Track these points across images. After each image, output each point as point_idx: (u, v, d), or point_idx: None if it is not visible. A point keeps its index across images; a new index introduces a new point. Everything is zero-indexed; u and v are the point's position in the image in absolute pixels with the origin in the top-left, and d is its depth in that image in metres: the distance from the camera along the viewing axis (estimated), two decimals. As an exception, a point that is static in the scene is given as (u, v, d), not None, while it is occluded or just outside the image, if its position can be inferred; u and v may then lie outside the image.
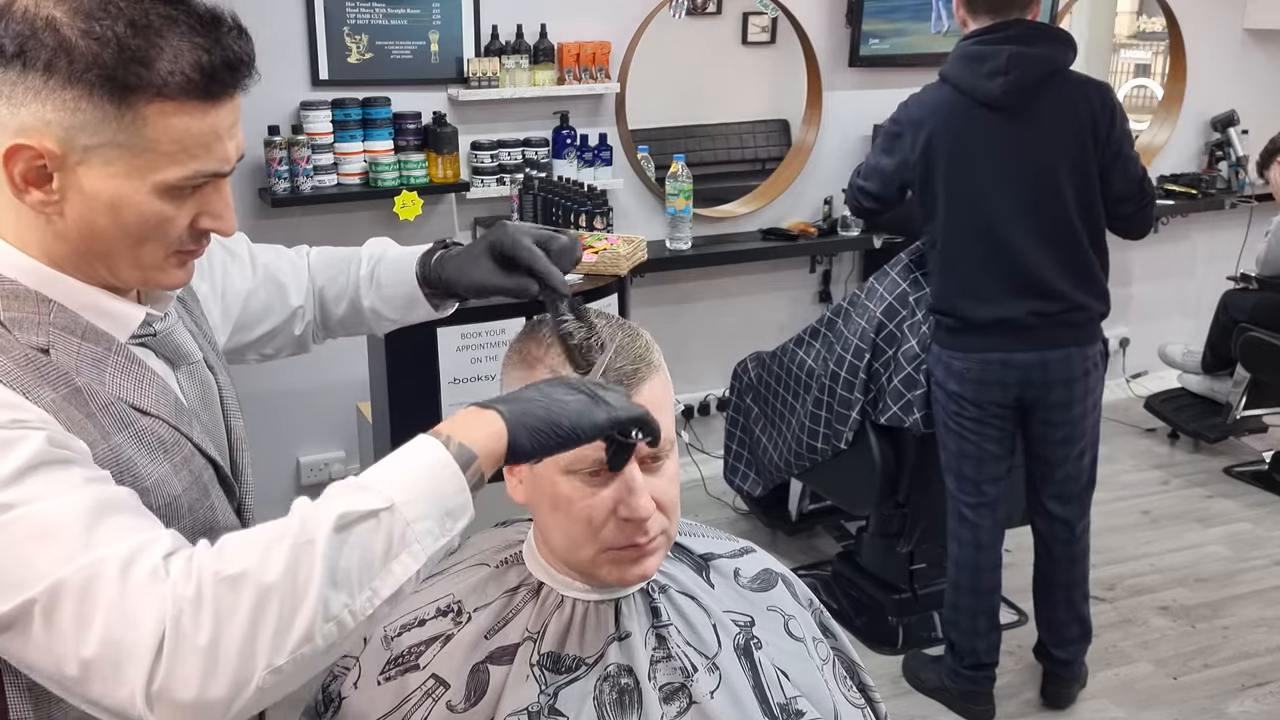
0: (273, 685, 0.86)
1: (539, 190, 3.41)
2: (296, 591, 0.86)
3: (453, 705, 1.15)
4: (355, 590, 0.88)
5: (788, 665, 1.23)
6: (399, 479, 0.92)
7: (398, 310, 1.41)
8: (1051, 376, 2.69)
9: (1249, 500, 4.14)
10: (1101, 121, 2.59)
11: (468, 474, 0.94)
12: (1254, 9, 4.72)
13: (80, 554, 0.86)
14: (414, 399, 2.78)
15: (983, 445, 2.77)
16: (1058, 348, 2.67)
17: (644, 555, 1.14)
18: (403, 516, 0.90)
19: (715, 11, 6.08)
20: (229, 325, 1.33)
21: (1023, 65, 2.55)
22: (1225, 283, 4.49)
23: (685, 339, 4.12)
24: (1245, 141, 4.70)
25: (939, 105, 2.67)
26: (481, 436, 0.95)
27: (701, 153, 5.83)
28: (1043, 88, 2.57)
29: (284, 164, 3.32)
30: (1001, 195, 2.62)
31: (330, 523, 0.88)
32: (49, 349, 1.00)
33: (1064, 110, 2.59)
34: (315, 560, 0.87)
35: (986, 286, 2.66)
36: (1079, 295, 2.65)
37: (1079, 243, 2.64)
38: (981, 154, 2.63)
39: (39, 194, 0.97)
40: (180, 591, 0.85)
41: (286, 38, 3.32)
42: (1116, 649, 3.23)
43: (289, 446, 3.67)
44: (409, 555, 0.90)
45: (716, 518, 3.94)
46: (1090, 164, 2.60)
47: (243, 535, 0.90)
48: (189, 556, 0.88)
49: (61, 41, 0.93)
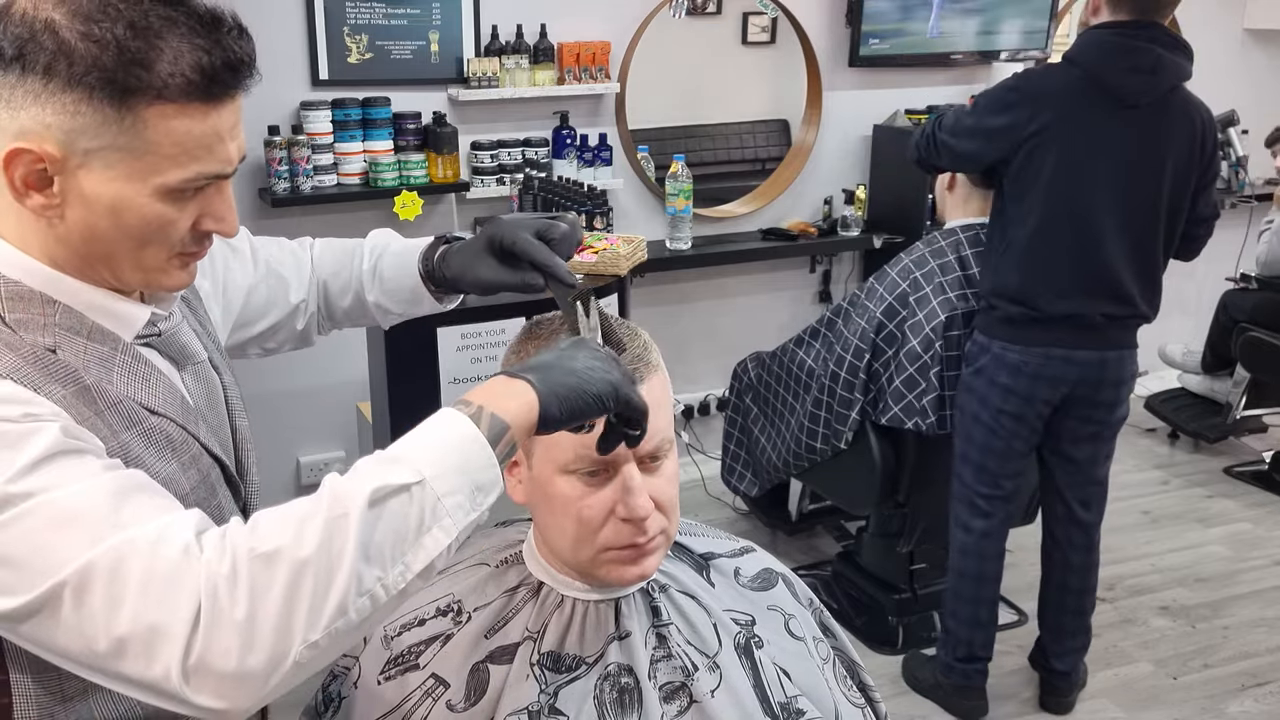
0: (309, 660, 0.87)
1: (539, 190, 3.41)
2: (331, 567, 0.86)
3: (453, 705, 1.15)
4: (388, 564, 0.89)
5: (788, 664, 1.23)
6: (430, 452, 0.92)
7: (402, 304, 1.41)
8: (1107, 376, 2.69)
9: (1249, 500, 4.14)
10: (1208, 142, 2.62)
11: (499, 446, 0.94)
12: (1254, 9, 4.72)
13: (108, 535, 0.86)
14: (414, 399, 2.78)
15: (1012, 442, 2.76)
16: (1117, 349, 2.69)
17: (643, 555, 1.14)
18: (434, 491, 0.90)
19: (715, 11, 6.08)
20: (230, 321, 1.33)
21: (1167, 70, 2.53)
22: (1225, 283, 4.49)
23: (685, 339, 4.12)
24: (1245, 141, 4.70)
25: (1067, 87, 2.56)
26: (514, 407, 0.95)
27: (701, 153, 5.83)
28: (1171, 97, 2.57)
29: (284, 164, 3.32)
30: (1106, 192, 2.57)
31: (364, 497, 0.88)
32: (55, 349, 0.99)
33: (1182, 123, 2.58)
34: (349, 535, 0.87)
35: (1066, 279, 2.61)
36: (1144, 303, 2.67)
37: (1157, 252, 2.65)
38: (1100, 147, 2.56)
39: (40, 198, 0.97)
40: (215, 568, 0.85)
41: (286, 38, 3.32)
42: (1116, 649, 3.23)
43: (289, 446, 3.67)
44: (440, 530, 0.91)
45: (716, 518, 3.94)
46: (1189, 180, 2.62)
47: (276, 512, 0.90)
48: (222, 534, 0.88)
49: (61, 44, 0.92)
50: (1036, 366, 2.66)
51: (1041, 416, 2.74)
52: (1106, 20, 2.56)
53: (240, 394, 1.24)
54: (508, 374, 0.98)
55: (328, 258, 1.42)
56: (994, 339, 2.72)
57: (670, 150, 4.68)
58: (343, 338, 3.60)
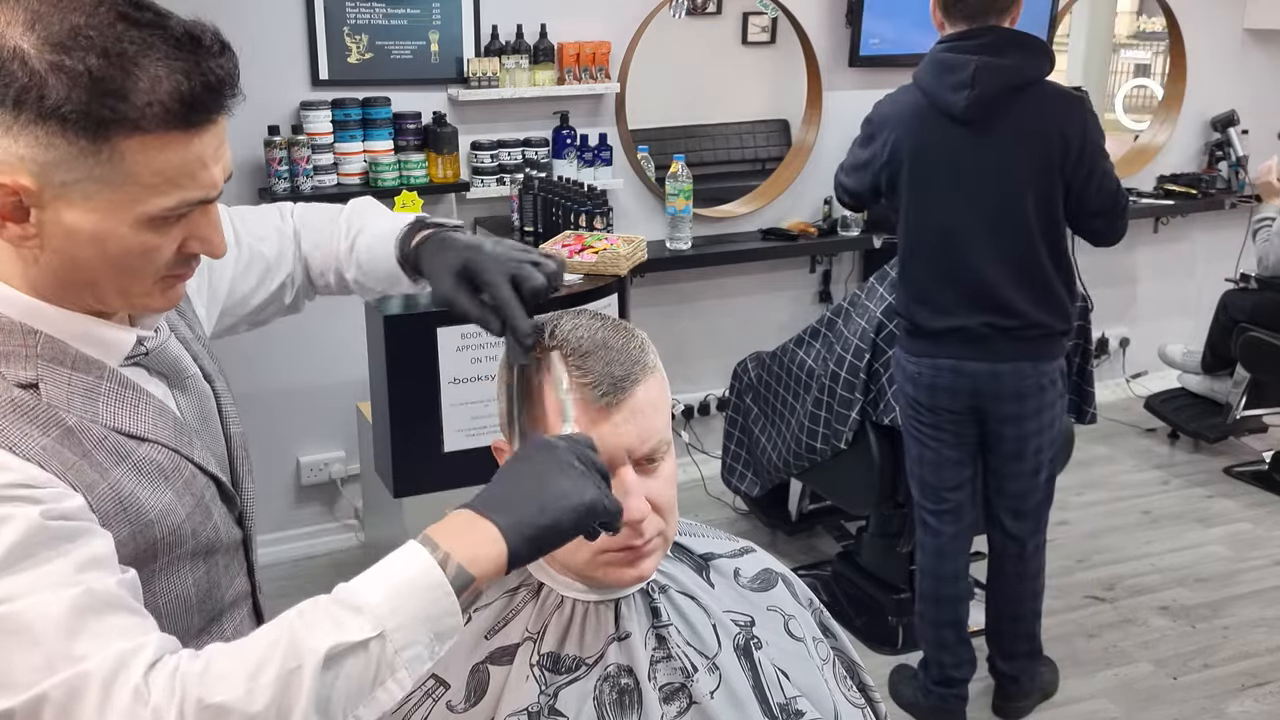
0: None
1: (539, 190, 3.41)
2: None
3: (453, 705, 1.15)
4: (339, 719, 0.88)
5: (788, 665, 1.23)
6: (393, 600, 0.90)
7: (381, 284, 1.35)
8: (1003, 389, 2.64)
9: (1249, 500, 4.14)
10: (1072, 138, 2.51)
11: (463, 597, 0.92)
12: (1254, 9, 4.72)
13: (62, 665, 0.84)
14: (414, 399, 2.78)
15: (941, 451, 2.75)
16: (1009, 360, 2.62)
17: (640, 557, 1.14)
18: (392, 645, 0.89)
19: (715, 11, 6.08)
20: (217, 310, 1.30)
21: (989, 79, 2.48)
22: (1225, 283, 4.49)
23: (685, 339, 4.12)
24: (1245, 141, 4.71)
25: (907, 110, 2.64)
26: (481, 557, 0.93)
27: (701, 153, 5.83)
28: (1012, 100, 2.51)
29: (284, 164, 3.32)
30: (961, 208, 2.58)
31: (320, 654, 0.86)
32: (38, 383, 0.97)
33: (1032, 125, 2.52)
34: (302, 694, 0.85)
35: (943, 297, 2.63)
36: (1036, 313, 2.60)
37: (1038, 260, 2.58)
38: (943, 165, 2.59)
39: (17, 229, 0.93)
40: (162, 717, 0.84)
41: (286, 38, 3.32)
42: (1116, 649, 3.23)
43: (289, 446, 3.67)
44: (395, 683, 0.90)
45: (716, 518, 3.94)
46: (1055, 181, 2.54)
47: (229, 654, 0.88)
48: (172, 672, 0.86)
49: (31, 75, 0.87)
50: (930, 377, 2.69)
51: (959, 425, 2.72)
52: (946, 34, 2.59)
53: (233, 399, 1.22)
54: (474, 510, 0.96)
55: (308, 230, 1.37)
56: (901, 350, 2.77)
57: (670, 150, 4.68)
58: (343, 337, 3.62)
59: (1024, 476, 2.76)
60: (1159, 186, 4.77)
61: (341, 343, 3.43)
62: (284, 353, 3.44)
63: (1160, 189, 4.76)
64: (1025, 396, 2.65)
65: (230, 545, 1.15)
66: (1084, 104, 2.59)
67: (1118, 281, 4.88)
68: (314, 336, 3.38)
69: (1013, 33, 2.53)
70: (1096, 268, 4.72)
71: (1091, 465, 4.36)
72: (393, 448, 2.81)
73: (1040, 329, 2.62)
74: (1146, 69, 9.29)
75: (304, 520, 3.68)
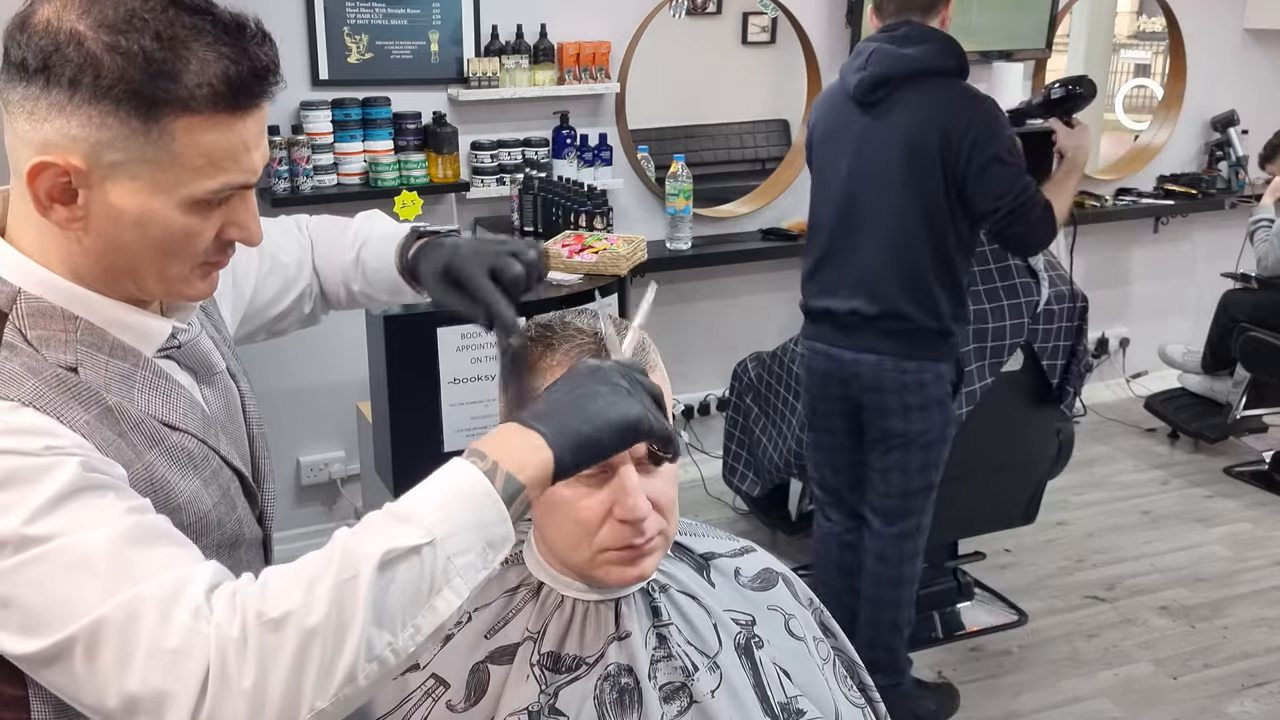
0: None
1: (539, 190, 3.41)
2: (340, 633, 0.85)
3: (453, 705, 1.15)
4: (398, 629, 0.87)
5: (788, 664, 1.23)
6: (441, 509, 0.90)
7: (386, 294, 1.37)
8: (864, 379, 2.65)
9: (1249, 500, 4.14)
10: (953, 133, 2.48)
11: (513, 506, 0.92)
12: (1254, 9, 4.72)
13: (121, 589, 0.85)
14: (414, 399, 2.78)
15: (820, 436, 2.82)
16: (870, 352, 2.63)
17: (641, 556, 1.14)
18: (444, 551, 0.88)
19: (715, 11, 6.08)
20: (240, 314, 1.32)
21: (879, 61, 2.53)
22: (1225, 283, 4.49)
23: (685, 339, 4.12)
24: (1245, 141, 4.71)
25: (826, 94, 2.78)
26: (529, 464, 0.93)
27: (701, 153, 5.83)
28: (907, 90, 2.53)
29: (284, 164, 3.33)
30: (852, 191, 2.62)
31: (374, 560, 0.86)
32: (77, 367, 0.98)
33: (918, 116, 2.52)
34: (359, 599, 0.85)
35: (828, 275, 2.68)
36: (904, 305, 2.58)
37: (914, 252, 2.56)
38: (841, 145, 2.64)
39: (64, 211, 0.95)
40: (225, 632, 0.84)
41: (286, 38, 3.32)
42: (1116, 649, 3.23)
43: (289, 446, 3.67)
44: (451, 590, 0.89)
45: (716, 518, 3.94)
46: (934, 175, 2.51)
47: (286, 572, 0.89)
48: (232, 593, 0.87)
49: (87, 56, 0.90)
50: (809, 359, 2.77)
51: (833, 411, 2.76)
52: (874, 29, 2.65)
53: (257, 401, 1.24)
54: (520, 422, 0.95)
55: (320, 244, 1.40)
56: (802, 331, 2.84)
57: (670, 150, 4.68)
58: (343, 337, 3.61)
59: (891, 473, 2.71)
60: (1159, 186, 4.78)
61: (341, 343, 3.42)
62: (284, 352, 3.43)
63: (1160, 189, 4.77)
64: (885, 392, 2.64)
65: (252, 542, 1.17)
66: (982, 105, 2.53)
67: (1118, 281, 4.89)
68: (314, 336, 3.35)
69: (927, 29, 2.56)
70: (1097, 267, 4.73)
71: (1091, 465, 4.37)
72: (393, 448, 2.81)
73: (904, 322, 2.59)
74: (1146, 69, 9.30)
75: (304, 520, 3.67)
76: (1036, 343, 3.03)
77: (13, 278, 0.99)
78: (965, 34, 4.19)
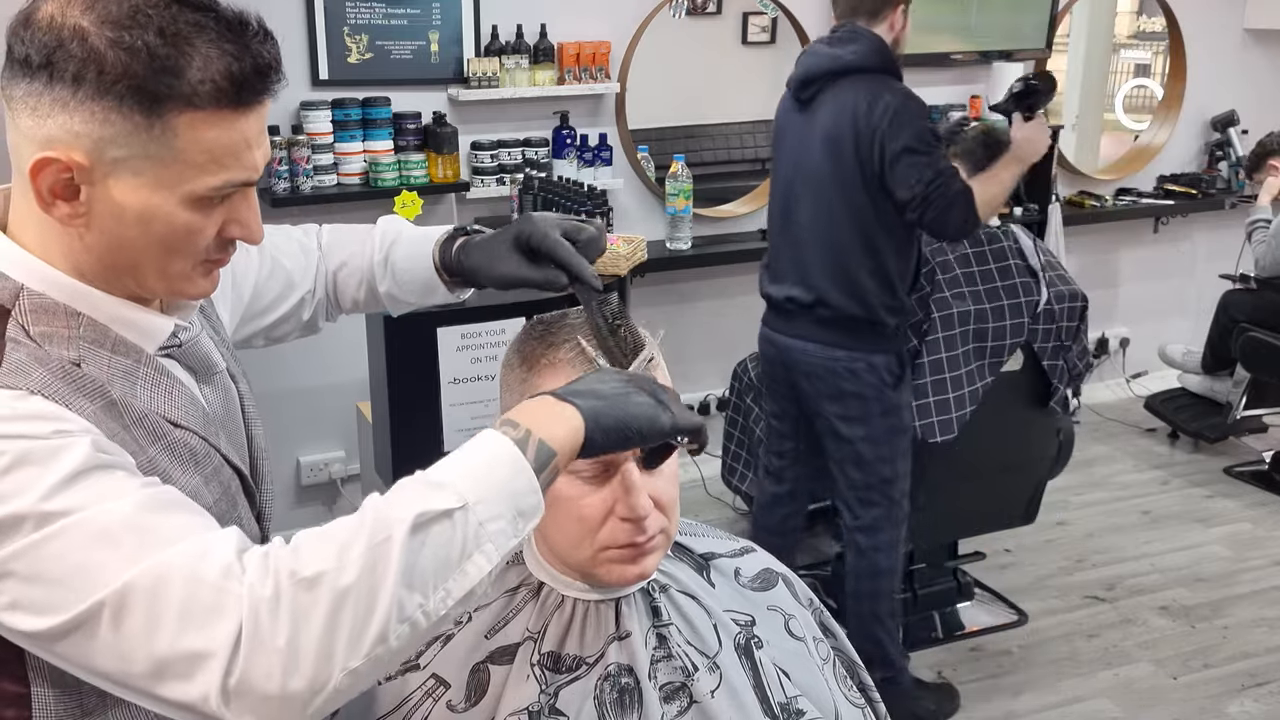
0: (349, 685, 0.87)
1: (539, 190, 3.41)
2: (373, 594, 0.85)
3: (453, 705, 1.15)
4: (430, 591, 0.87)
5: (788, 665, 1.23)
6: (473, 476, 0.91)
7: (415, 295, 1.38)
8: (796, 365, 2.77)
9: (1249, 500, 4.14)
10: (864, 128, 2.57)
11: (544, 474, 0.93)
12: (1254, 9, 4.72)
13: (145, 554, 0.85)
14: (414, 399, 2.77)
15: (771, 420, 2.99)
16: (803, 339, 2.75)
17: (642, 555, 1.14)
18: (476, 516, 0.89)
19: (715, 11, 6.08)
20: (238, 316, 1.32)
21: (809, 62, 2.71)
22: (1225, 282, 4.49)
23: (685, 339, 4.11)
24: (1245, 141, 4.71)
25: (784, 93, 2.87)
26: (561, 434, 0.94)
27: (701, 153, 5.83)
28: (834, 86, 2.65)
29: (284, 164, 3.33)
30: (791, 183, 2.76)
31: (407, 523, 0.87)
32: (80, 363, 0.98)
33: (835, 113, 2.63)
34: (391, 561, 0.86)
35: (778, 264, 2.81)
36: (832, 294, 2.67)
37: (840, 243, 2.66)
38: (784, 143, 2.81)
39: (66, 207, 0.95)
40: (258, 591, 0.85)
41: (286, 38, 3.28)
42: (1116, 649, 3.23)
43: (289, 446, 3.67)
44: (482, 555, 0.89)
45: (716, 518, 3.94)
46: (850, 168, 2.60)
47: (318, 533, 0.89)
48: (265, 554, 0.87)
49: (90, 52, 0.90)
50: (760, 344, 2.92)
51: (783, 397, 2.90)
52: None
53: (255, 402, 1.24)
54: (554, 396, 0.97)
55: (336, 248, 1.40)
56: None
57: (670, 150, 4.68)
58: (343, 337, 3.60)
59: (846, 466, 2.78)
60: (1159, 186, 4.78)
61: (341, 343, 3.41)
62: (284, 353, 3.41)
63: (1160, 189, 4.77)
64: (816, 378, 2.74)
65: (252, 540, 1.16)
66: (894, 98, 2.57)
67: (1118, 281, 4.89)
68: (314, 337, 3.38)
69: (861, 31, 2.65)
70: (1097, 267, 4.74)
71: (1091, 465, 4.37)
72: (393, 448, 2.81)
73: (831, 310, 2.68)
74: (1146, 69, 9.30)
75: (304, 520, 3.67)
76: (1036, 343, 3.03)
77: (15, 274, 0.99)
78: (965, 34, 4.21)
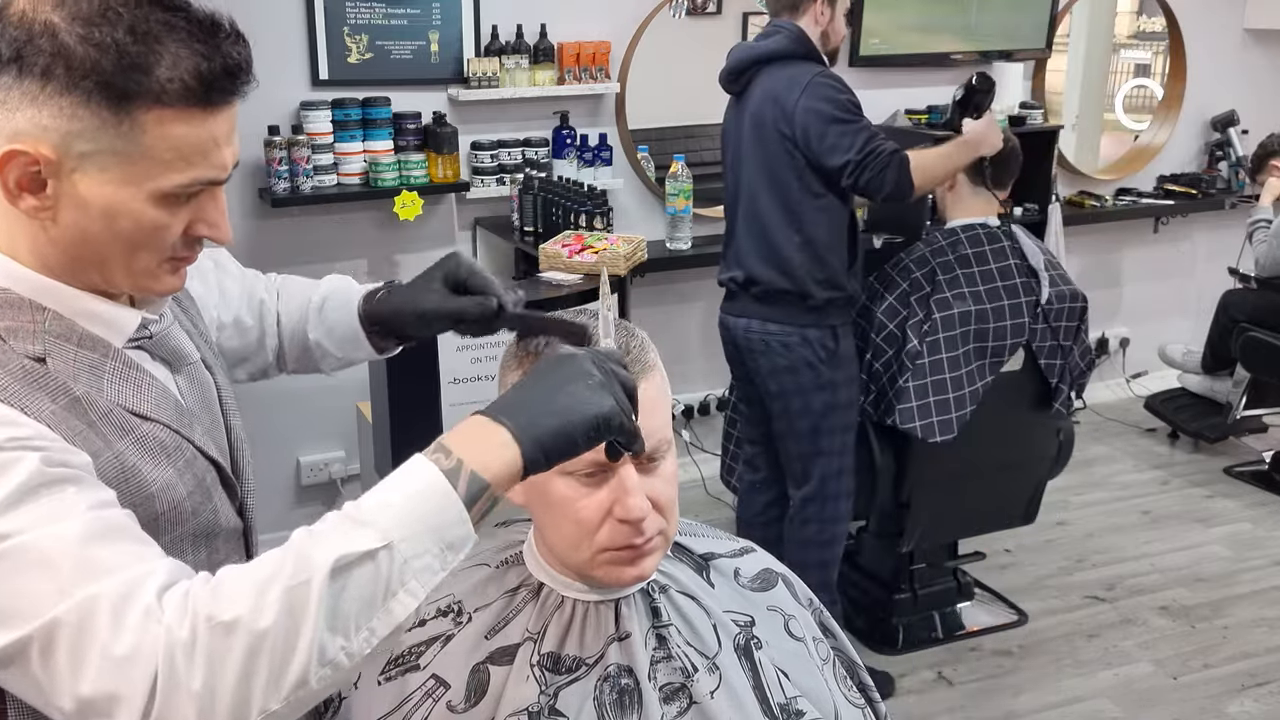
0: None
1: (539, 190, 3.41)
2: (291, 638, 0.84)
3: (453, 705, 1.15)
4: (352, 633, 0.87)
5: (788, 665, 1.23)
6: (399, 511, 0.89)
7: (341, 346, 1.36)
8: (739, 342, 2.92)
9: (1249, 500, 4.14)
10: (787, 106, 2.72)
11: (477, 506, 0.91)
12: (1254, 9, 4.72)
13: (75, 589, 0.85)
14: (414, 399, 2.78)
15: (738, 404, 3.14)
16: (743, 317, 2.90)
17: (640, 556, 1.14)
18: (401, 554, 0.88)
19: (715, 11, 6.07)
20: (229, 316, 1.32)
21: (734, 56, 2.88)
22: (1225, 283, 4.49)
23: (685, 339, 4.12)
24: (1245, 141, 4.71)
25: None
26: (495, 464, 0.92)
27: (701, 153, 5.81)
28: (758, 78, 2.81)
29: (284, 164, 3.32)
30: (733, 170, 2.91)
31: (327, 566, 0.86)
32: (45, 358, 0.98)
33: (763, 97, 2.79)
34: (310, 605, 0.85)
35: (731, 250, 2.94)
36: (761, 270, 2.83)
37: (765, 219, 2.82)
38: (727, 136, 2.95)
39: (32, 200, 0.96)
40: (174, 634, 0.84)
41: (286, 38, 3.32)
42: (1116, 649, 3.23)
43: (289, 446, 3.67)
44: (407, 594, 0.89)
45: (716, 518, 3.94)
46: (773, 144, 2.76)
47: (239, 573, 0.88)
48: (184, 593, 0.87)
49: (60, 47, 0.91)
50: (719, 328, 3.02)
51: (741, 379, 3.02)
52: None
53: (233, 394, 1.24)
54: (487, 416, 0.94)
55: (285, 295, 1.39)
56: None
57: (670, 150, 4.66)
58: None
59: (786, 440, 2.94)
60: (1159, 186, 4.78)
61: (341, 343, 3.42)
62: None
63: (1160, 189, 4.77)
64: (756, 353, 2.88)
65: (231, 532, 1.16)
66: (814, 76, 2.72)
67: (1118, 281, 4.89)
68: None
69: (785, 24, 2.82)
70: (1097, 267, 4.74)
71: (1091, 465, 4.37)
72: (393, 448, 2.81)
73: (764, 286, 2.83)
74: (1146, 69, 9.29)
75: (304, 520, 3.61)
76: (1036, 342, 3.03)
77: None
78: (965, 34, 4.22)
